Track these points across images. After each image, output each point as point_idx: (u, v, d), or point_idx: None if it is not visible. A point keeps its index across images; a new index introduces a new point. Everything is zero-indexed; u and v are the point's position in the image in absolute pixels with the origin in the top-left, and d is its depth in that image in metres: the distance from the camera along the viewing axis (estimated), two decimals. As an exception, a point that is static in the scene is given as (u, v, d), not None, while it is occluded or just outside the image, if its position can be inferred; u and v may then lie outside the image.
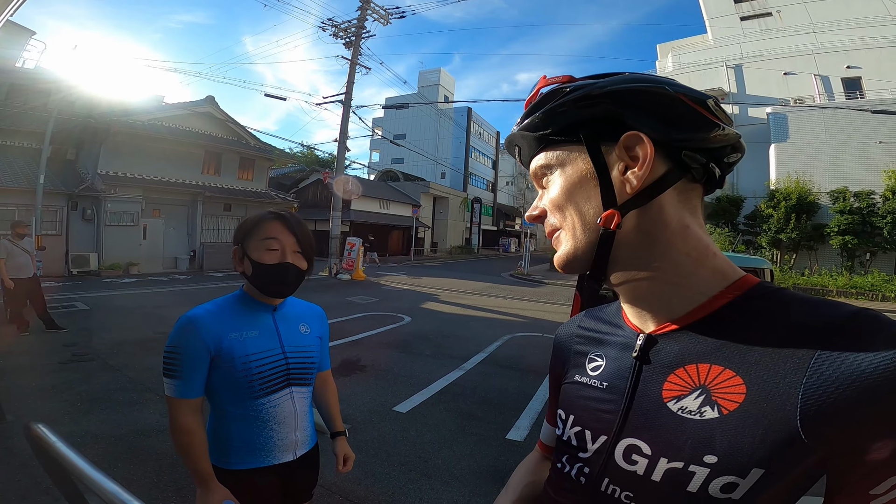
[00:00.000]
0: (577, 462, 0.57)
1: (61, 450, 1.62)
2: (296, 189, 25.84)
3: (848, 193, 16.25)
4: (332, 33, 16.64)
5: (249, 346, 1.21)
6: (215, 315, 1.22)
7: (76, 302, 8.60)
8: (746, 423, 0.44)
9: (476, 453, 3.26)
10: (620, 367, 0.57)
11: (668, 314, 0.53)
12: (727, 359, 0.47)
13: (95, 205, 14.13)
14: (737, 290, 0.51)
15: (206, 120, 17.88)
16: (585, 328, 0.68)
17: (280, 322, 1.30)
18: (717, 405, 0.46)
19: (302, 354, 1.31)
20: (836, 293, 14.21)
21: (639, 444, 0.51)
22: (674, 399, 0.50)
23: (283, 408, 1.26)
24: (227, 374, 1.19)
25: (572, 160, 0.55)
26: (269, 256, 1.21)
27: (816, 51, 20.95)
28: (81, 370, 4.63)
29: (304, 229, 1.29)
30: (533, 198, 4.48)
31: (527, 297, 12.67)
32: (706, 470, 0.45)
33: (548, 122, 0.56)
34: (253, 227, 1.25)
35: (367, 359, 5.59)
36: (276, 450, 1.26)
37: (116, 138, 14.43)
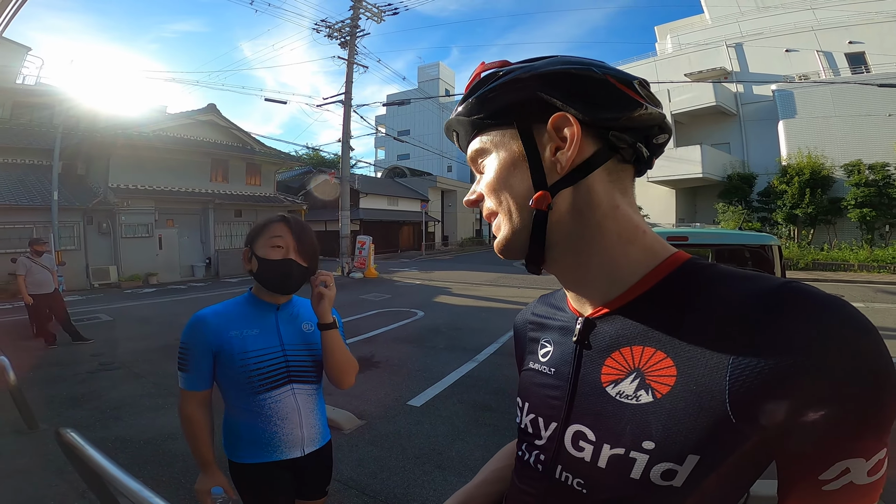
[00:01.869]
0: (535, 449, 0.57)
1: (90, 452, 1.73)
2: (304, 191, 26.05)
3: (862, 166, 15.91)
4: (327, 34, 16.67)
5: (248, 344, 1.30)
6: (221, 315, 1.33)
7: (99, 314, 8.87)
8: (678, 406, 0.43)
9: (490, 444, 3.33)
10: (564, 351, 0.57)
11: (603, 296, 0.53)
12: (658, 340, 0.47)
13: (110, 218, 14.43)
14: (667, 269, 0.50)
15: (209, 128, 18.08)
16: (537, 314, 0.67)
17: (282, 321, 1.38)
18: (651, 389, 0.46)
19: (303, 352, 1.37)
20: (857, 267, 13.98)
21: (584, 430, 0.51)
22: (612, 383, 0.49)
23: (284, 404, 1.33)
24: (228, 370, 1.29)
25: (505, 143, 0.55)
26: (274, 253, 1.30)
27: (816, 27, 20.48)
28: (109, 379, 4.83)
29: (307, 232, 1.37)
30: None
31: (539, 286, 12.65)
32: (645, 456, 0.44)
33: (481, 106, 0.55)
34: (261, 229, 1.35)
35: (382, 355, 5.69)
36: (281, 445, 1.34)
37: (123, 151, 14.64)
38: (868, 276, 13.24)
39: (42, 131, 14.25)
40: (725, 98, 21.36)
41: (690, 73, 22.65)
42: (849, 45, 19.68)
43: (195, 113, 17.86)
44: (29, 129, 14.61)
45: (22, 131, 14.88)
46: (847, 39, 19.71)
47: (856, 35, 19.56)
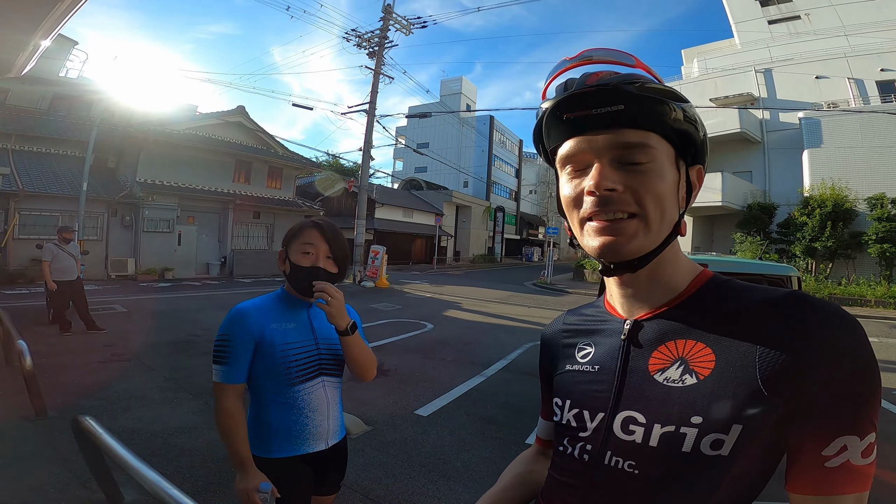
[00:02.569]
0: (579, 441, 0.63)
1: (107, 442, 1.78)
2: (322, 197, 26.38)
3: (886, 200, 15.50)
4: (356, 43, 17.04)
5: (288, 336, 1.36)
6: (260, 309, 1.37)
7: (115, 305, 9.04)
8: (719, 384, 0.53)
9: (495, 457, 3.30)
10: (609, 350, 0.65)
11: (655, 302, 0.64)
12: (698, 334, 0.58)
13: (134, 211, 14.77)
14: (701, 281, 0.63)
15: (236, 129, 18.47)
16: (571, 324, 0.77)
17: (314, 317, 1.44)
18: (694, 373, 0.56)
19: (333, 347, 1.44)
20: (874, 303, 13.61)
21: (634, 414, 0.58)
22: (659, 371, 0.59)
23: (316, 395, 1.39)
24: (268, 361, 1.33)
25: (668, 161, 0.60)
26: (304, 259, 1.36)
27: (849, 54, 20.13)
28: (120, 369, 4.89)
29: (339, 238, 1.43)
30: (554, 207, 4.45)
31: (549, 306, 12.58)
32: (695, 430, 0.53)
33: (670, 115, 0.58)
34: (296, 233, 1.41)
35: (391, 363, 5.68)
36: (310, 438, 1.38)
37: (154, 147, 15.06)
38: (884, 311, 12.90)
39: (78, 124, 14.69)
40: (750, 125, 21.07)
41: (716, 97, 22.47)
42: (880, 73, 19.33)
43: (224, 114, 18.29)
44: (66, 120, 15.08)
45: (59, 123, 15.36)
46: (879, 67, 19.36)
47: (889, 62, 19.19)
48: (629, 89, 0.57)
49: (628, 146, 0.58)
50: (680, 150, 0.61)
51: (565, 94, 0.59)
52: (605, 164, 0.58)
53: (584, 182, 0.60)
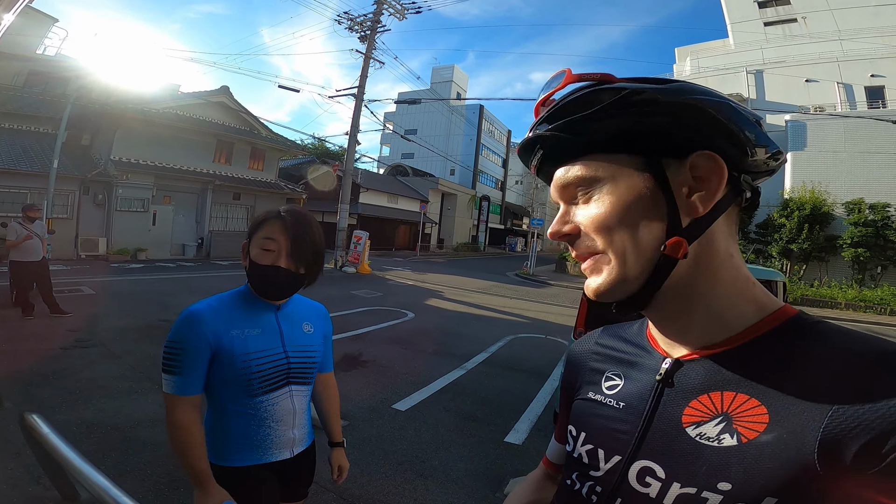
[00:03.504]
0: (589, 480, 0.57)
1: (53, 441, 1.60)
2: (305, 180, 25.89)
3: (864, 205, 15.93)
4: (348, 27, 16.62)
5: (251, 345, 1.19)
6: (218, 310, 1.19)
7: (82, 286, 8.66)
8: (764, 452, 0.43)
9: (474, 455, 3.23)
10: (641, 388, 0.56)
11: (701, 341, 0.52)
12: (754, 389, 0.46)
13: (107, 190, 14.25)
14: (773, 322, 0.49)
15: (219, 109, 17.97)
16: (604, 345, 0.67)
17: (283, 321, 1.28)
18: (736, 433, 0.45)
19: (304, 354, 1.29)
20: (843, 306, 14.01)
21: (653, 466, 0.50)
22: (693, 424, 0.49)
23: (281, 406, 1.24)
24: (226, 371, 1.17)
25: (624, 175, 0.49)
26: (263, 256, 1.18)
27: (841, 58, 20.48)
28: (83, 356, 4.64)
29: (307, 233, 1.21)
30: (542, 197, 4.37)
31: (531, 298, 12.60)
32: (719, 497, 0.44)
33: (593, 126, 0.49)
34: (259, 224, 1.22)
35: (369, 354, 5.57)
36: (273, 447, 1.25)
37: (131, 125, 14.56)
38: (854, 314, 13.29)
39: (53, 101, 14.08)
40: (738, 126, 21.47)
41: (707, 97, 22.76)
42: (870, 79, 19.71)
43: (208, 94, 17.75)
44: (41, 97, 14.44)
45: (33, 100, 14.71)
46: (870, 72, 19.73)
47: (880, 68, 19.58)
48: (539, 132, 0.53)
49: (566, 186, 0.53)
50: (646, 150, 0.49)
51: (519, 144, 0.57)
52: (565, 207, 0.54)
53: None
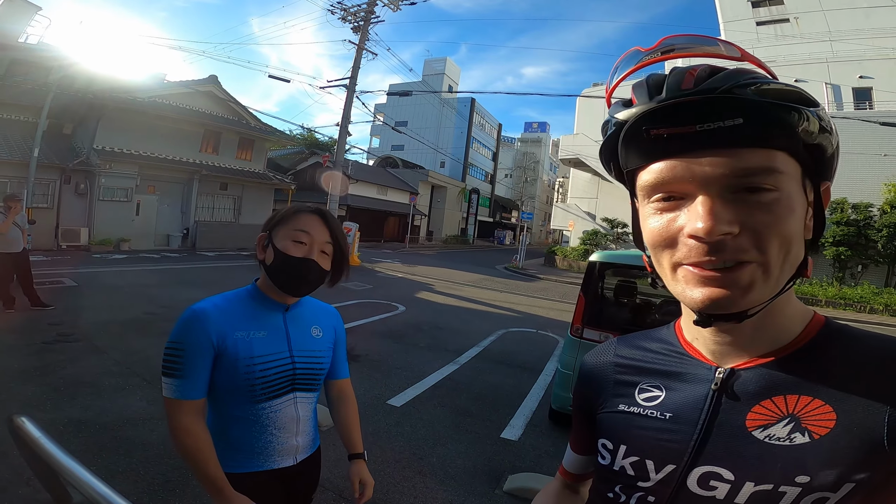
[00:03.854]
0: (637, 492, 0.56)
1: (46, 446, 1.52)
2: (294, 171, 25.55)
3: (846, 205, 16.26)
4: (341, 17, 16.31)
5: (256, 348, 1.13)
6: (223, 310, 1.13)
7: (63, 278, 8.42)
8: (838, 445, 0.45)
9: (471, 452, 3.22)
10: (692, 399, 0.55)
11: (759, 350, 0.53)
12: (815, 391, 0.48)
13: (89, 179, 13.87)
14: (816, 328, 0.53)
15: (207, 99, 17.58)
16: (627, 357, 0.65)
17: (291, 323, 1.22)
18: (807, 431, 0.47)
19: (311, 360, 1.23)
20: (824, 303, 14.31)
21: (718, 470, 0.50)
22: (760, 428, 0.49)
23: (284, 413, 1.19)
24: (228, 374, 1.11)
25: (795, 181, 0.47)
26: (295, 249, 1.13)
27: (830, 59, 20.75)
28: (66, 351, 4.50)
29: (341, 231, 1.21)
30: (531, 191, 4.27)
31: (521, 292, 12.64)
32: (798, 489, 0.45)
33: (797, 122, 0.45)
34: (288, 217, 1.17)
35: (361, 348, 5.52)
36: (275, 454, 1.20)
37: (114, 114, 14.20)
38: (834, 312, 13.58)
39: (35, 89, 13.64)
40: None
41: (699, 94, 22.95)
42: (858, 80, 20.02)
43: (195, 83, 17.34)
44: (22, 86, 13.99)
45: (14, 88, 14.24)
46: (858, 73, 20.04)
47: (868, 70, 19.88)
48: (747, 95, 0.43)
49: (748, 173, 0.44)
50: (808, 168, 0.48)
51: (655, 104, 0.46)
52: (714, 199, 0.45)
53: (680, 217, 0.47)
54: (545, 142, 56.24)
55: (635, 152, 0.49)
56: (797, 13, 23.10)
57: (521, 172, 52.49)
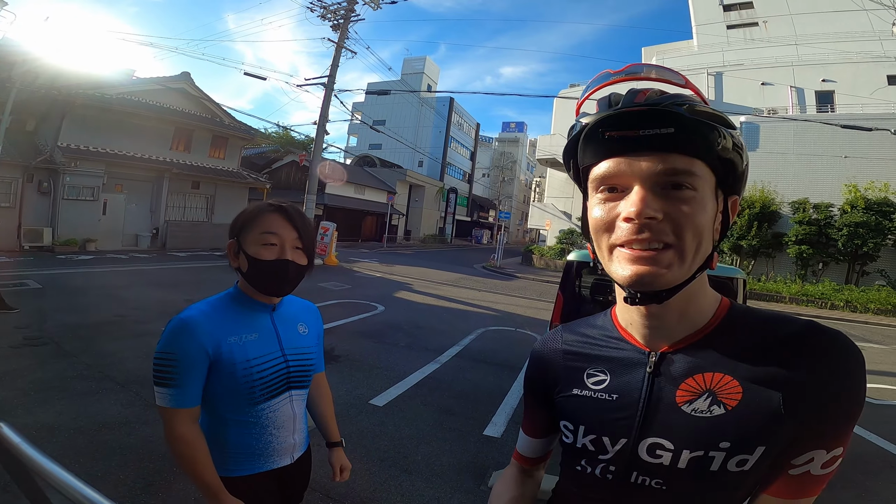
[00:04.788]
0: (600, 463, 0.65)
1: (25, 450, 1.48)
2: (269, 170, 25.08)
3: (808, 205, 16.92)
4: (320, 14, 16.07)
5: (250, 351, 1.13)
6: (211, 316, 1.12)
7: (27, 280, 8.08)
8: (746, 414, 0.56)
9: (455, 449, 3.25)
10: (631, 381, 0.64)
11: (681, 334, 0.63)
12: (725, 367, 0.59)
13: (53, 177, 13.34)
14: (723, 312, 0.63)
15: (179, 96, 17.10)
16: (573, 344, 0.73)
17: (279, 323, 1.22)
18: (722, 404, 0.57)
19: (302, 356, 1.25)
20: (788, 300, 14.91)
21: (661, 441, 0.60)
22: (687, 403, 0.59)
23: (282, 412, 1.20)
24: (226, 381, 1.10)
25: (709, 189, 0.58)
26: (266, 252, 1.12)
27: (796, 62, 21.53)
28: (34, 355, 4.34)
29: (307, 223, 1.19)
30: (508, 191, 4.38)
31: (499, 290, 12.75)
32: (723, 453, 0.56)
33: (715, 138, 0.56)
34: (250, 220, 1.14)
35: (341, 348, 5.49)
36: (274, 454, 1.21)
37: (80, 111, 13.72)
38: (797, 308, 14.18)
39: None
40: (695, 125, 22.17)
41: (669, 97, 23.42)
42: (821, 83, 20.82)
43: (167, 80, 16.85)
44: None
45: None
46: (822, 77, 20.84)
47: (831, 73, 20.69)
48: (680, 111, 0.55)
49: (673, 173, 0.55)
50: (721, 180, 0.59)
51: (611, 111, 0.57)
52: (647, 190, 0.55)
53: (619, 206, 0.57)
54: (522, 142, 56.78)
55: (591, 151, 0.59)
56: (766, 17, 23.94)
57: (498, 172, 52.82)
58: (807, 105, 21.01)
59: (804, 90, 21.16)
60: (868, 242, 15.16)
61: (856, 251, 15.68)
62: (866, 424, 4.29)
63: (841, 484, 3.09)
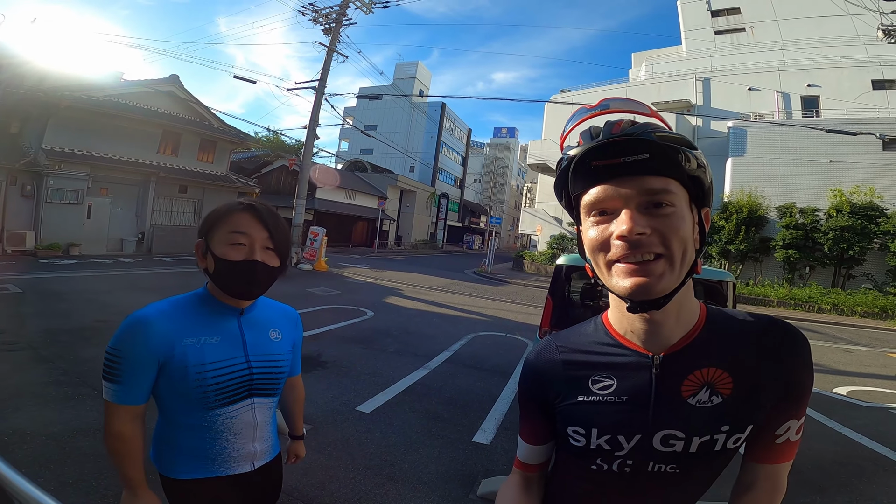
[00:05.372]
0: (616, 459, 0.72)
1: None
2: (258, 174, 24.87)
3: (795, 209, 17.12)
4: (312, 18, 16.06)
5: (207, 354, 1.07)
6: (170, 316, 1.06)
7: (7, 284, 7.86)
8: (738, 399, 0.68)
9: (443, 457, 3.18)
10: (639, 383, 0.71)
11: (676, 336, 0.71)
12: (717, 362, 0.69)
13: (36, 181, 13.05)
14: (703, 314, 0.73)
15: (167, 99, 16.87)
16: (572, 355, 0.78)
17: (247, 327, 1.16)
18: (719, 394, 0.68)
19: (269, 364, 1.17)
20: (776, 304, 15.04)
21: (673, 432, 0.68)
22: (691, 396, 0.69)
23: (241, 419, 1.13)
24: (177, 383, 1.05)
25: (685, 205, 0.65)
26: (234, 252, 1.06)
27: (782, 68, 21.87)
28: (11, 360, 4.20)
29: (279, 223, 1.14)
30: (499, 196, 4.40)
31: (490, 296, 12.71)
32: (724, 435, 0.67)
33: (684, 161, 0.64)
34: (219, 219, 1.10)
35: (329, 354, 5.39)
36: (230, 461, 1.14)
37: (66, 113, 13.44)
38: (784, 312, 14.29)
39: None
40: (684, 131, 22.23)
41: (658, 102, 23.59)
42: (807, 88, 21.14)
43: (155, 82, 16.58)
44: None
45: None
46: (807, 82, 21.16)
47: (815, 78, 21.02)
48: (652, 138, 0.62)
49: (653, 192, 0.62)
50: (693, 195, 0.67)
51: (595, 143, 0.64)
52: (633, 210, 0.62)
53: (611, 227, 0.64)
54: (514, 147, 57.06)
55: (581, 180, 0.67)
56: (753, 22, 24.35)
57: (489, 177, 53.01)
58: (793, 110, 21.32)
59: (790, 95, 21.50)
60: (854, 246, 15.37)
61: (842, 255, 15.89)
62: (858, 427, 4.29)
63: (835, 488, 3.07)
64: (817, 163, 17.65)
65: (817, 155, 17.63)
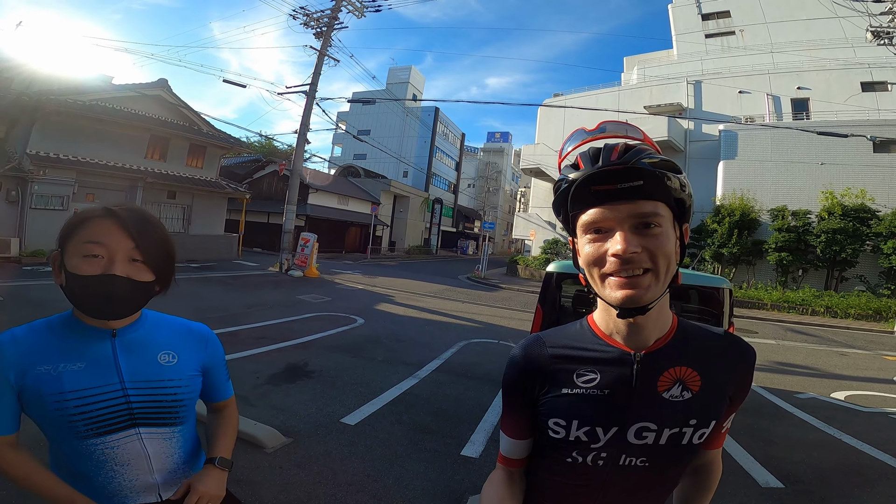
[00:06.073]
0: (591, 452, 0.77)
1: None
2: (249, 179, 24.68)
3: (787, 212, 17.15)
4: (304, 22, 16.02)
5: (67, 383, 0.94)
6: (23, 342, 0.95)
7: (-13, 292, 7.65)
8: (705, 395, 0.76)
9: (430, 471, 3.04)
10: (621, 377, 0.77)
11: (654, 337, 0.78)
12: (688, 361, 0.77)
13: (21, 186, 12.80)
14: (675, 321, 0.81)
15: (156, 103, 16.68)
16: (561, 350, 0.82)
17: (124, 351, 1.01)
18: (689, 390, 0.76)
19: (156, 391, 1.02)
20: (769, 306, 15.02)
21: (647, 424, 0.75)
22: (665, 391, 0.76)
23: (125, 450, 0.99)
24: (38, 411, 0.93)
25: (669, 224, 0.72)
26: (87, 266, 0.91)
27: (772, 70, 22.00)
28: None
29: (150, 230, 0.98)
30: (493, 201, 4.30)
31: (483, 302, 12.58)
32: (691, 429, 0.75)
33: (671, 185, 0.71)
34: (75, 227, 0.94)
35: (315, 363, 5.24)
36: (126, 490, 1.01)
37: (51, 117, 13.24)
38: (778, 314, 14.29)
39: None
40: (676, 134, 22.37)
41: (650, 105, 23.67)
42: (797, 91, 21.24)
43: (143, 86, 16.39)
44: None
45: None
46: (797, 84, 21.28)
47: (806, 81, 21.14)
48: (646, 166, 0.69)
49: (644, 215, 0.69)
50: (676, 214, 0.73)
51: (595, 170, 0.70)
52: (627, 231, 0.69)
53: (606, 244, 0.70)
54: (507, 152, 57.14)
55: (580, 201, 0.73)
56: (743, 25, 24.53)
57: (483, 182, 53.03)
58: (783, 113, 21.43)
59: (780, 98, 21.62)
60: (846, 248, 15.40)
61: (834, 257, 15.93)
62: (858, 434, 4.20)
63: (838, 498, 2.97)
64: (808, 165, 17.71)
65: (808, 157, 17.70)
